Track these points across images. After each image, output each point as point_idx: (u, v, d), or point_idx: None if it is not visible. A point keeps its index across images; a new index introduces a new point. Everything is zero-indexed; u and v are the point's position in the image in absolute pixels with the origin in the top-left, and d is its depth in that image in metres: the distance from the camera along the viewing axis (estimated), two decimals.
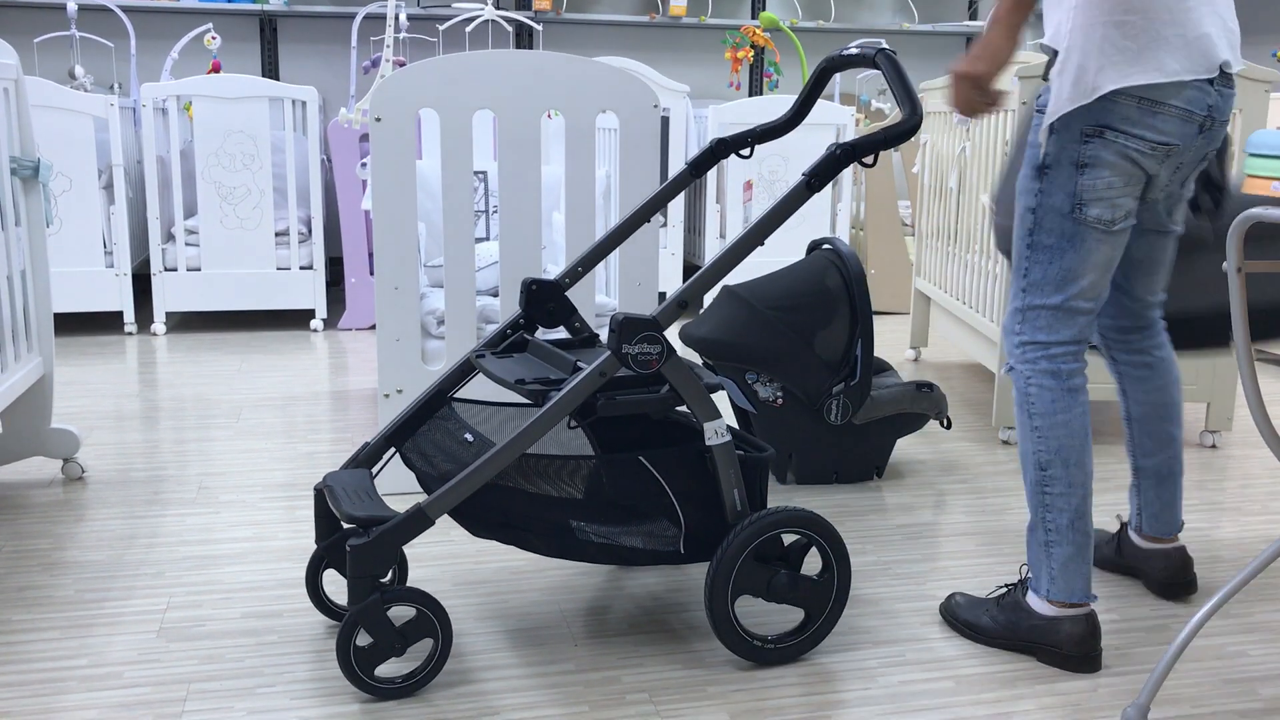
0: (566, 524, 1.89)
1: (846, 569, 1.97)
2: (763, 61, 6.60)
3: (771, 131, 2.21)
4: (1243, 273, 1.63)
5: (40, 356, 2.80)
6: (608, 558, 1.93)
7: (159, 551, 2.39)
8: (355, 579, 1.76)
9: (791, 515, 1.91)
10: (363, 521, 1.79)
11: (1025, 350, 1.95)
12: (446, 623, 1.83)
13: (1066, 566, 1.92)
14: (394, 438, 2.12)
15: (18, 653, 1.96)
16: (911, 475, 2.97)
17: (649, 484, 1.89)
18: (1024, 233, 1.91)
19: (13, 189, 2.69)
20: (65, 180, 4.42)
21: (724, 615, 1.90)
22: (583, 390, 1.82)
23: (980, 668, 1.96)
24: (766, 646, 1.94)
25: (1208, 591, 2.27)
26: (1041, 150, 1.87)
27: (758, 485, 1.97)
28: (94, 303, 4.54)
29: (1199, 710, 1.84)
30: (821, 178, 1.87)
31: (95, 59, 5.81)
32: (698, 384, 1.87)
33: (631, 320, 1.80)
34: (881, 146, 1.86)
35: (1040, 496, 1.93)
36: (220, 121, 4.55)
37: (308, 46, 6.08)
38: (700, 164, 2.22)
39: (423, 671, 1.84)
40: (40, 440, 2.81)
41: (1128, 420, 2.21)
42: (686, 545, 1.94)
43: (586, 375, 1.82)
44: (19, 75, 2.70)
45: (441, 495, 1.80)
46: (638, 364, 1.82)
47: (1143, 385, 2.18)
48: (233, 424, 3.34)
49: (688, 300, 1.84)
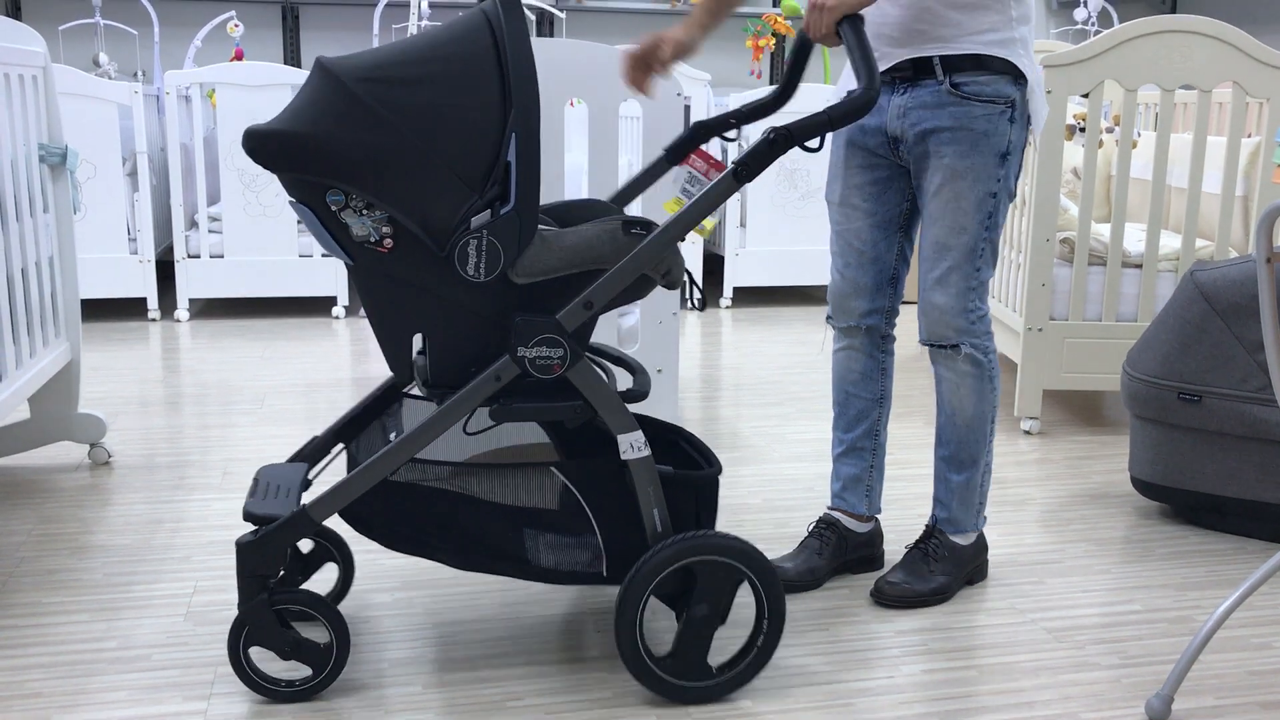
0: (477, 535, 1.77)
1: (779, 612, 1.78)
2: (784, 49, 6.58)
3: (756, 112, 2.06)
4: (1272, 263, 1.62)
5: (67, 342, 2.82)
6: (521, 573, 1.80)
7: (185, 536, 2.42)
8: (242, 577, 1.71)
9: (708, 543, 1.73)
10: (256, 519, 1.73)
11: (982, 322, 2.12)
12: (341, 626, 1.77)
13: (985, 499, 2.24)
14: (341, 433, 1.99)
15: (48, 635, 1.98)
16: (927, 462, 2.96)
17: (563, 497, 1.76)
18: (984, 216, 2.04)
19: (41, 176, 2.71)
20: (90, 167, 4.45)
21: (632, 649, 1.74)
22: (478, 394, 1.71)
23: (1004, 657, 1.96)
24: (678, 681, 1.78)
25: (1230, 584, 2.27)
26: (1006, 139, 2.01)
27: (691, 507, 1.81)
28: (118, 289, 4.57)
29: (1223, 701, 1.83)
30: (752, 168, 1.71)
31: (119, 46, 5.84)
32: (609, 391, 1.74)
33: (528, 321, 1.68)
34: (826, 128, 1.70)
35: (988, 445, 2.19)
36: (243, 109, 4.57)
37: (330, 34, 6.10)
38: (677, 148, 2.06)
39: (317, 677, 1.78)
40: (67, 425, 2.84)
41: (882, 398, 2.30)
42: (610, 567, 1.80)
43: (481, 379, 1.70)
44: (47, 63, 2.72)
45: (324, 497, 1.72)
46: (536, 369, 1.70)
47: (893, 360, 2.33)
48: (256, 410, 3.36)
49: (594, 300, 1.71)
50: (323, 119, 1.61)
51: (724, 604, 1.78)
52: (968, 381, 2.13)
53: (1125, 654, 1.98)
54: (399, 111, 1.61)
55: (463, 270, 1.67)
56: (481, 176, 1.65)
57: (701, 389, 3.69)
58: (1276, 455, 2.42)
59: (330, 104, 1.61)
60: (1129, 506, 2.69)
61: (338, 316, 4.75)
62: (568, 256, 1.70)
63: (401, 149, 1.62)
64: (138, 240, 4.59)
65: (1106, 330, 3.20)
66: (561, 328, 1.70)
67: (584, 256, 1.71)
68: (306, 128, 1.61)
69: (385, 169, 1.62)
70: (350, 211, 1.65)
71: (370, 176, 1.62)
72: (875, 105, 1.78)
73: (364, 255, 1.68)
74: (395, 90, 1.62)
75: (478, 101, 1.63)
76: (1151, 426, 2.56)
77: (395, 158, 1.62)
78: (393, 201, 1.63)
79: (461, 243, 1.65)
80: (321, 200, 1.65)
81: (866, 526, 2.29)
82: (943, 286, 2.07)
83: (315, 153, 1.61)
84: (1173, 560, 2.39)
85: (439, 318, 1.71)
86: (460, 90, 1.63)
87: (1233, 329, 2.42)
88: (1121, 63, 3.05)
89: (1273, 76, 3.06)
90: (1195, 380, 2.46)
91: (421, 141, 1.62)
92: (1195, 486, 2.51)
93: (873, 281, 2.19)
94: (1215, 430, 2.46)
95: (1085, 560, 2.38)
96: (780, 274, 5.08)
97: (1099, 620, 2.11)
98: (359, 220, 1.66)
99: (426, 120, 1.62)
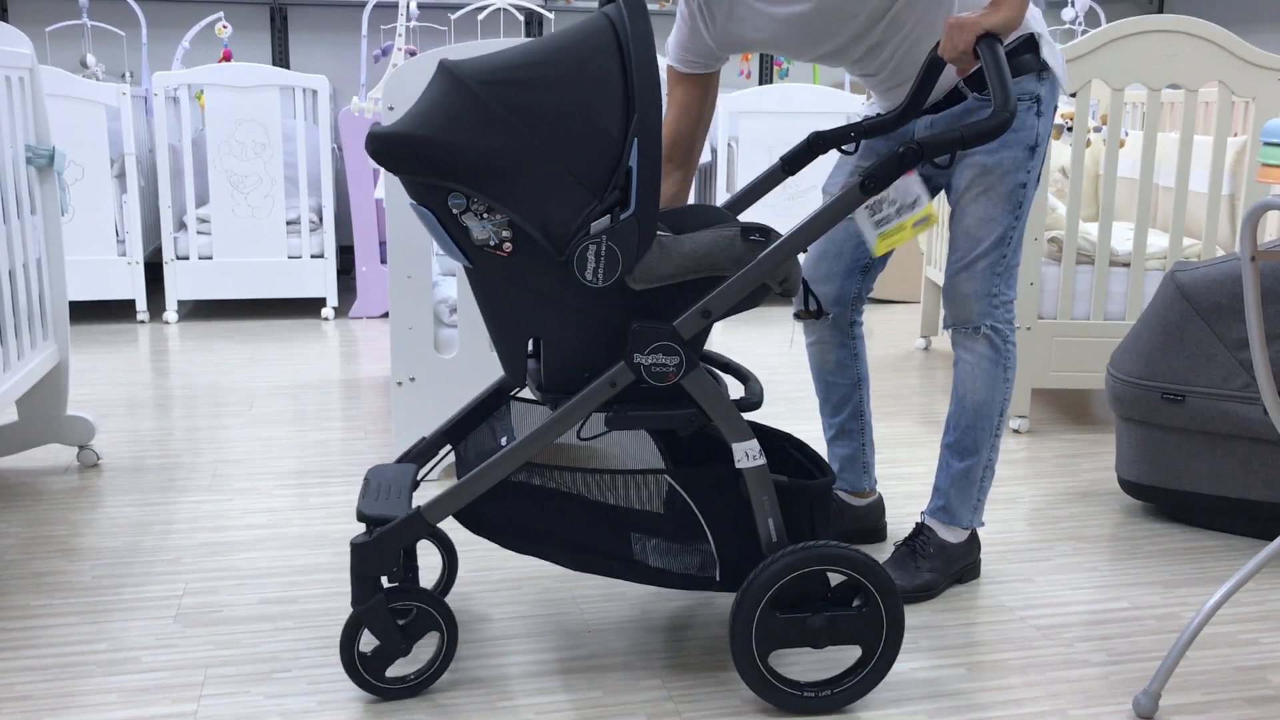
0: (586, 539, 1.78)
1: (898, 623, 1.76)
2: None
3: (881, 126, 2.06)
4: (1256, 261, 1.63)
5: (56, 344, 2.81)
6: (631, 575, 1.81)
7: (174, 538, 2.41)
8: (357, 578, 1.73)
9: (823, 553, 1.72)
10: (370, 520, 1.75)
11: (1005, 308, 2.12)
12: (451, 620, 1.80)
13: (984, 497, 2.22)
14: (450, 434, 2.01)
15: (37, 637, 1.98)
16: (921, 463, 2.97)
17: (672, 502, 1.77)
18: (1013, 206, 2.05)
19: (28, 178, 2.70)
20: (78, 169, 4.44)
21: (749, 662, 1.73)
22: (592, 400, 1.71)
23: (992, 654, 1.97)
24: (805, 695, 1.76)
25: (1215, 580, 2.28)
26: (1035, 132, 2.03)
27: (806, 516, 1.80)
28: (106, 291, 4.56)
29: (1210, 697, 1.84)
30: (880, 180, 1.71)
31: (107, 48, 5.83)
32: (724, 399, 1.73)
33: (645, 328, 1.68)
34: (957, 145, 1.69)
35: (993, 439, 2.18)
36: (231, 110, 4.56)
37: (318, 35, 6.09)
38: (794, 159, 2.11)
39: (429, 670, 1.81)
40: (56, 427, 2.83)
41: (860, 381, 2.36)
42: (723, 574, 1.80)
43: (596, 385, 1.71)
44: (34, 64, 2.71)
45: (441, 499, 1.74)
46: (652, 376, 1.69)
47: (864, 344, 2.37)
48: (245, 412, 3.35)
49: (712, 309, 1.71)
50: (445, 121, 1.60)
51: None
52: (983, 364, 2.13)
53: (1113, 651, 1.99)
54: (521, 114, 1.60)
55: (581, 275, 1.65)
56: (602, 181, 1.63)
57: None
58: (1260, 453, 2.43)
59: (453, 106, 1.61)
60: (1117, 504, 2.70)
61: (327, 318, 4.74)
62: (686, 263, 1.69)
63: (523, 152, 1.61)
64: (126, 242, 4.57)
65: (1094, 329, 3.21)
66: (678, 335, 1.69)
67: (702, 264, 1.70)
68: (429, 130, 1.61)
69: (507, 172, 1.61)
70: (471, 215, 1.65)
71: (491, 180, 1.61)
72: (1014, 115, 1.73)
73: (483, 259, 1.68)
74: (518, 92, 1.60)
75: (600, 105, 1.62)
76: (1136, 427, 2.57)
77: (516, 161, 1.61)
78: (513, 205, 1.63)
79: (581, 248, 1.63)
80: (443, 203, 1.65)
81: (865, 501, 2.41)
82: (969, 272, 2.09)
83: (437, 155, 1.60)
84: (1160, 558, 2.40)
85: (555, 322, 1.71)
86: (583, 93, 1.62)
87: (1214, 329, 2.43)
88: (1108, 62, 3.07)
89: (1258, 76, 3.08)
90: (1178, 380, 2.48)
91: (543, 145, 1.61)
92: (1181, 486, 2.53)
93: (845, 268, 2.24)
94: (1199, 429, 2.47)
95: (1073, 558, 2.39)
96: None
97: (1087, 617, 2.12)
98: (480, 224, 1.66)
99: (548, 123, 1.61)
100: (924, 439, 3.17)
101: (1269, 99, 3.09)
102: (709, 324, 1.72)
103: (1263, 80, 3.08)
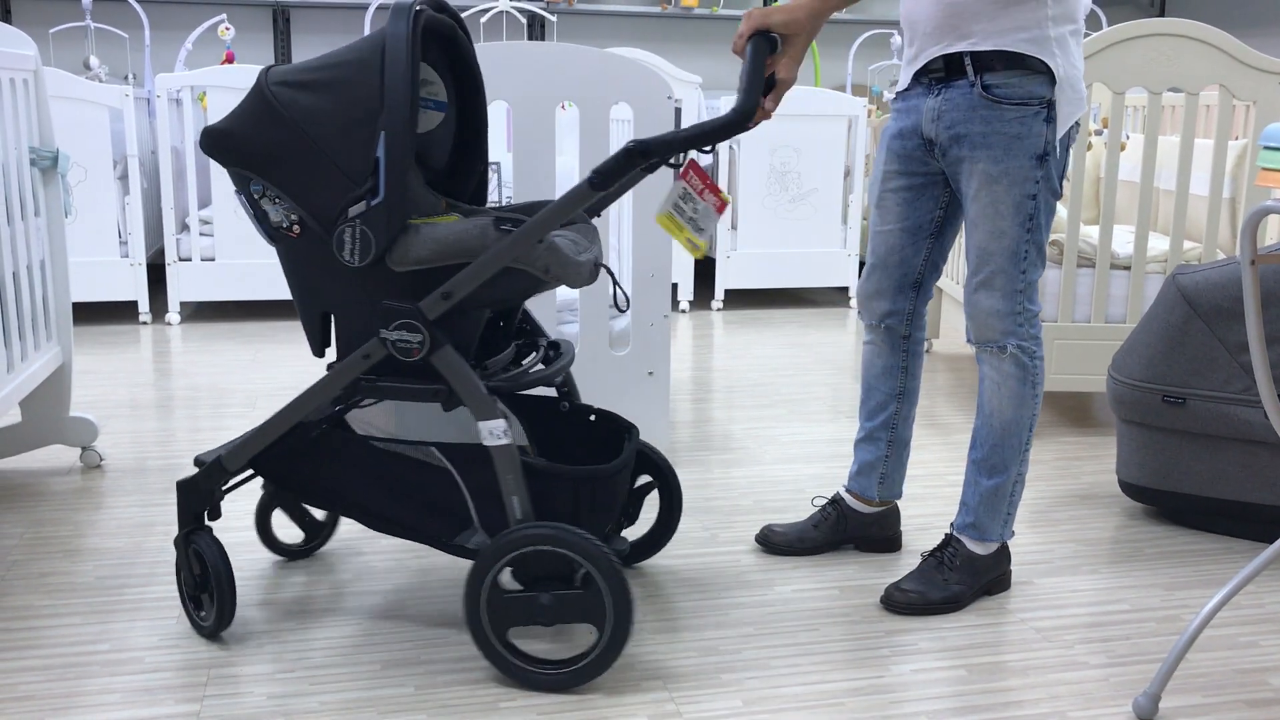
0: (368, 501, 1.98)
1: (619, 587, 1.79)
2: None
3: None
4: (1256, 265, 1.63)
5: (59, 346, 2.82)
6: (416, 537, 1.97)
7: None
8: (178, 509, 1.99)
9: (543, 534, 1.79)
10: (197, 462, 2.00)
11: (1031, 324, 2.09)
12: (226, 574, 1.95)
13: (1014, 510, 2.19)
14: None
15: (41, 637, 1.98)
16: (948, 471, 2.98)
17: (442, 474, 1.92)
18: (1023, 218, 2.02)
19: (32, 180, 2.71)
20: (81, 171, 4.45)
21: (482, 637, 1.84)
22: (350, 370, 1.88)
23: (992, 656, 1.98)
24: (544, 671, 1.84)
25: (1214, 582, 2.28)
26: (1043, 139, 1.99)
27: (568, 501, 1.88)
28: (109, 293, 4.57)
29: (1210, 700, 1.85)
30: (606, 177, 1.76)
31: (110, 50, 5.84)
32: (470, 379, 1.83)
33: (391, 307, 1.82)
34: (681, 146, 1.73)
35: (1023, 453, 2.15)
36: None
37: (321, 38, 6.10)
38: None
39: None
40: (59, 428, 2.84)
41: (903, 394, 2.33)
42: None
43: (352, 357, 1.87)
44: (38, 66, 2.72)
45: (235, 449, 1.96)
46: (398, 351, 1.84)
47: (920, 361, 2.36)
48: (248, 413, 3.36)
49: (453, 291, 1.81)
50: (245, 118, 1.86)
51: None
52: (1009, 383, 2.11)
53: (1113, 653, 2.00)
54: (297, 111, 1.82)
55: (340, 255, 1.83)
56: (363, 171, 1.81)
57: (693, 391, 3.70)
58: (1261, 456, 2.44)
59: (254, 106, 1.85)
60: (1118, 507, 2.71)
61: None
62: (438, 248, 1.82)
63: (297, 144, 1.82)
64: (129, 243, 4.58)
65: (1095, 332, 3.22)
66: (422, 314, 1.82)
67: (454, 249, 1.82)
68: (232, 125, 1.87)
69: (284, 162, 1.84)
70: (268, 199, 1.88)
71: (275, 168, 1.85)
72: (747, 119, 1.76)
73: (280, 239, 1.91)
74: (299, 93, 1.83)
75: (363, 102, 1.81)
76: (1137, 430, 2.58)
77: (289, 152, 1.83)
78: (289, 190, 1.85)
79: (339, 230, 1.82)
80: (248, 189, 1.90)
81: (872, 509, 2.38)
82: (988, 289, 2.06)
83: (238, 147, 1.86)
84: (1161, 560, 2.41)
85: (338, 298, 1.90)
86: (350, 91, 1.82)
87: (1215, 331, 2.44)
88: (1110, 66, 3.07)
89: (1259, 79, 3.09)
90: (1179, 383, 2.48)
91: (313, 139, 1.82)
92: (1182, 488, 2.53)
93: (895, 285, 2.23)
94: (1200, 432, 2.48)
95: (1074, 560, 2.39)
96: (771, 276, 5.09)
97: (1087, 620, 2.13)
98: (274, 208, 1.88)
99: (317, 119, 1.82)
100: (926, 441, 3.18)
101: (1270, 102, 3.10)
102: (457, 305, 1.82)
103: (1263, 83, 3.09)
